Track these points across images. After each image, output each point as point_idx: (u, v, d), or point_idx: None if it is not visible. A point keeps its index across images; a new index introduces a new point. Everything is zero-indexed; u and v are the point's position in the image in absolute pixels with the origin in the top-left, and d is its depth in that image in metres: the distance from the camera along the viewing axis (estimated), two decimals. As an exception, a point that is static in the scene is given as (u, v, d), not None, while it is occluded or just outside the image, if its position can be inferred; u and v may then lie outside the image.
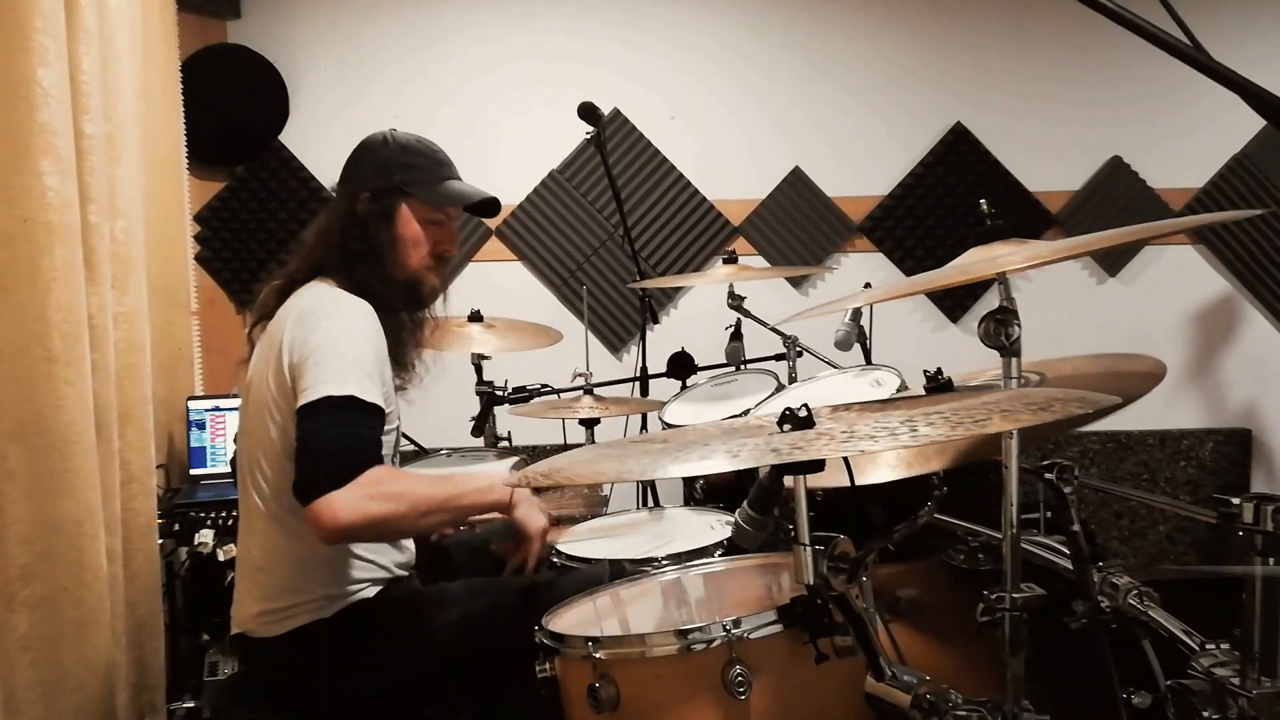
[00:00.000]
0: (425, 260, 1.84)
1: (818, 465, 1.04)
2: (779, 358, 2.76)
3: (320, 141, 3.60)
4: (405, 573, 1.82)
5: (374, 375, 1.63)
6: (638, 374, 2.94)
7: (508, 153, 3.63)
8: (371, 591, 1.71)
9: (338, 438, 1.54)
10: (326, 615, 1.66)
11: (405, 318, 1.82)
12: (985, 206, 1.43)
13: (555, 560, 2.02)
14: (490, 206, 1.92)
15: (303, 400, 1.57)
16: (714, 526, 2.07)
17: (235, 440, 1.81)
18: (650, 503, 2.77)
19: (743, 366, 2.84)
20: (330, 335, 1.62)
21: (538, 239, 3.68)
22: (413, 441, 2.83)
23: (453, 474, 1.75)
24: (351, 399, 1.56)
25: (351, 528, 1.52)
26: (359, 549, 1.70)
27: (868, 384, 2.09)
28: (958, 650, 1.52)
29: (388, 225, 1.79)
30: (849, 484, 1.28)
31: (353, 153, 1.87)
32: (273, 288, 1.82)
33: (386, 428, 1.71)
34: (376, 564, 1.74)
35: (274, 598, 1.66)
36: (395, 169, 1.80)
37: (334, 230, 1.80)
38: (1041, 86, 3.77)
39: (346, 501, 1.49)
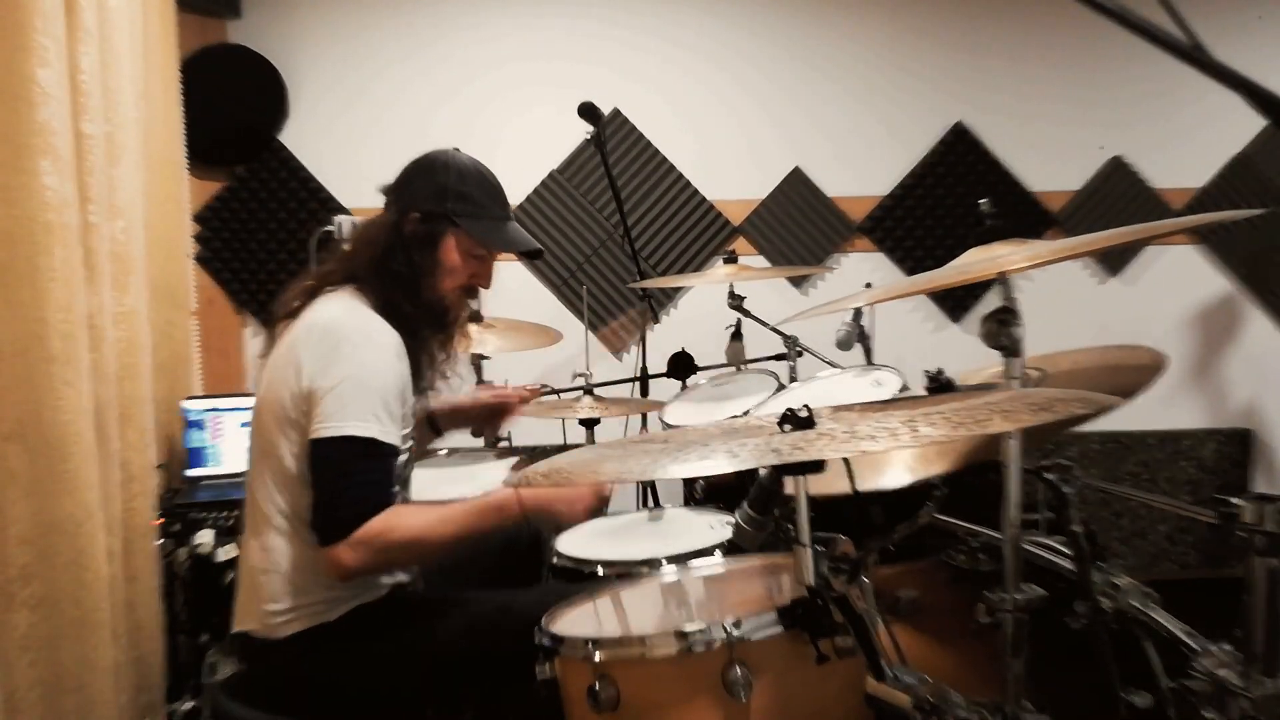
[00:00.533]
0: (458, 289, 1.84)
1: (818, 465, 1.04)
2: (779, 358, 2.76)
3: (320, 141, 3.60)
4: (407, 577, 1.82)
5: (395, 411, 1.64)
6: (638, 374, 2.94)
7: (508, 153, 3.60)
8: (374, 595, 1.71)
9: (355, 486, 1.58)
10: (330, 619, 1.66)
11: (428, 339, 1.81)
12: (986, 206, 1.43)
13: (556, 561, 2.02)
14: (533, 253, 1.95)
15: (324, 431, 1.58)
16: (714, 526, 2.07)
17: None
18: (650, 503, 2.77)
19: (743, 366, 2.84)
20: (357, 367, 1.62)
21: (538, 239, 3.66)
22: (413, 441, 2.83)
23: (456, 502, 1.72)
24: (372, 443, 1.59)
25: (361, 572, 1.60)
26: None
27: (868, 384, 2.09)
28: (958, 651, 1.52)
29: (431, 250, 1.78)
30: (851, 489, 1.27)
31: (410, 165, 1.83)
32: (303, 287, 1.80)
33: (402, 447, 1.72)
34: None
35: (278, 599, 1.65)
36: (449, 196, 1.78)
37: (378, 243, 1.78)
38: (1042, 86, 3.77)
39: (356, 551, 1.56)
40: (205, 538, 2.52)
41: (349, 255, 1.82)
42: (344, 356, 1.62)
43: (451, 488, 2.36)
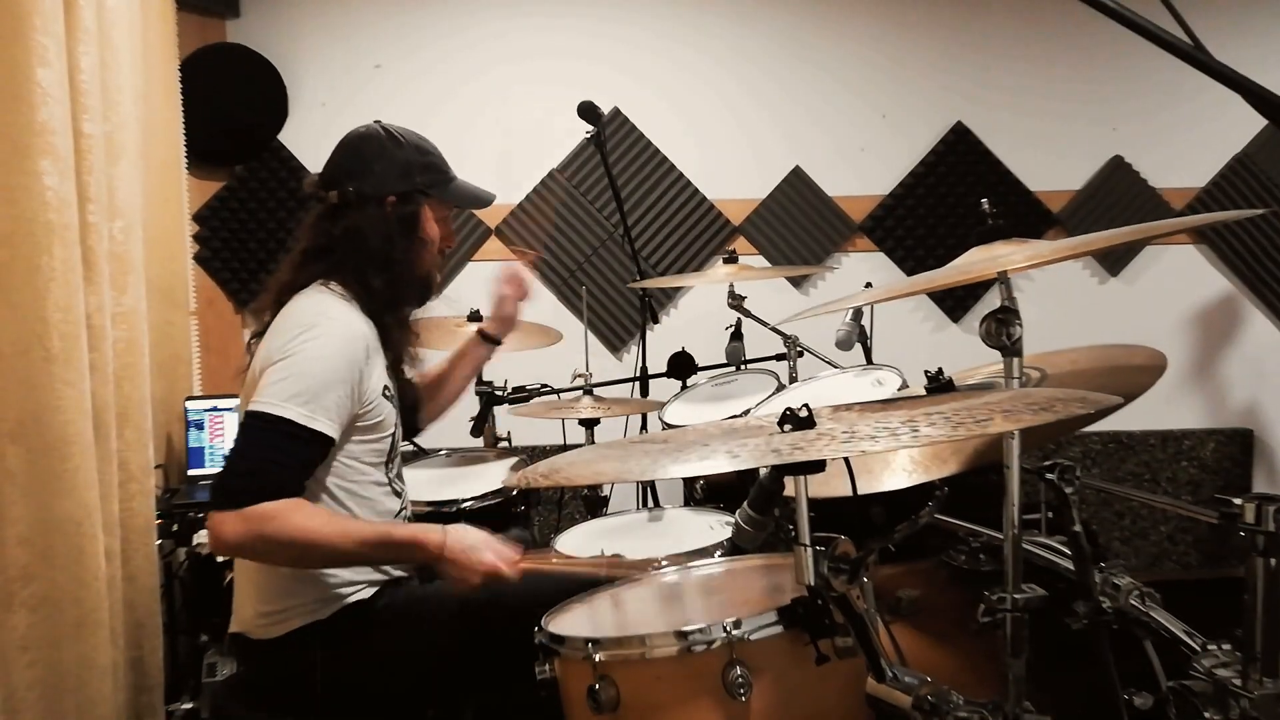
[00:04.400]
0: (437, 258, 1.87)
1: (818, 465, 1.03)
2: (779, 358, 2.75)
3: (320, 141, 3.55)
4: (404, 573, 1.82)
5: (332, 401, 1.59)
6: (638, 374, 2.93)
7: (508, 152, 3.63)
8: (368, 593, 1.71)
9: (258, 459, 1.53)
10: (323, 617, 1.65)
11: (409, 318, 1.83)
12: (986, 206, 1.42)
13: (555, 560, 2.02)
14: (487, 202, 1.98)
15: (249, 406, 1.57)
16: (714, 526, 2.07)
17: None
18: (650, 503, 2.77)
19: (743, 366, 2.83)
20: (300, 351, 1.59)
21: (538, 238, 3.68)
22: (412, 442, 2.82)
23: (381, 525, 1.69)
24: (287, 422, 1.53)
25: (237, 549, 1.54)
26: None
27: (869, 384, 2.09)
28: (959, 651, 1.52)
29: (415, 227, 1.80)
30: (851, 491, 1.27)
31: (358, 150, 1.81)
32: (272, 300, 1.78)
33: (380, 435, 1.72)
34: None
35: (269, 600, 1.65)
36: (416, 170, 1.80)
37: (370, 235, 1.75)
38: (1042, 86, 3.77)
39: (236, 526, 1.49)
40: (204, 537, 2.52)
41: (325, 252, 1.77)
42: (289, 342, 1.61)
43: (451, 488, 2.35)
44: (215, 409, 2.93)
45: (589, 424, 2.68)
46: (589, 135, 2.77)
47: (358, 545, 1.58)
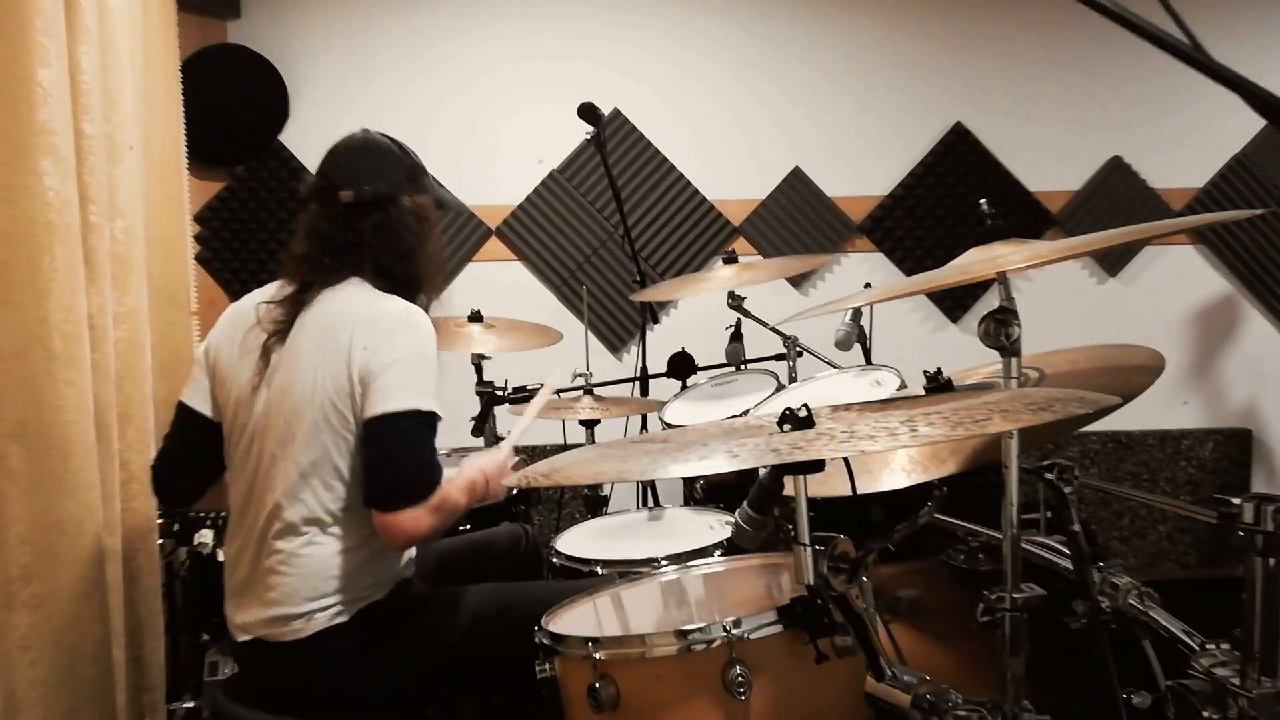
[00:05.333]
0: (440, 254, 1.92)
1: (818, 465, 1.04)
2: (779, 358, 2.76)
3: (320, 141, 3.49)
4: (409, 574, 1.82)
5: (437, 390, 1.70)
6: (638, 374, 2.94)
7: (508, 153, 3.63)
8: (383, 593, 1.71)
9: (429, 455, 1.63)
10: (344, 620, 1.65)
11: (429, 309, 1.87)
12: (985, 206, 1.43)
13: (555, 561, 2.02)
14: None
15: (389, 405, 1.60)
16: (714, 526, 2.07)
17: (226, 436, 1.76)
18: (650, 503, 2.77)
19: (743, 366, 2.84)
20: (414, 346, 1.66)
21: (538, 239, 3.68)
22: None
23: (458, 473, 1.78)
24: (434, 416, 1.64)
25: (427, 537, 1.63)
26: (376, 552, 1.70)
27: (868, 384, 2.09)
28: (958, 650, 1.52)
29: (430, 223, 1.86)
30: (850, 490, 1.28)
31: (367, 152, 1.83)
32: (285, 301, 1.78)
33: None
34: (388, 565, 1.74)
35: (292, 603, 1.64)
36: (419, 174, 1.86)
37: (400, 230, 1.79)
38: (1042, 86, 3.77)
39: (428, 518, 1.60)
40: (205, 537, 2.51)
41: (354, 249, 1.77)
42: (398, 336, 1.65)
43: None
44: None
45: (589, 424, 2.68)
46: (589, 136, 2.78)
47: (467, 491, 1.73)
